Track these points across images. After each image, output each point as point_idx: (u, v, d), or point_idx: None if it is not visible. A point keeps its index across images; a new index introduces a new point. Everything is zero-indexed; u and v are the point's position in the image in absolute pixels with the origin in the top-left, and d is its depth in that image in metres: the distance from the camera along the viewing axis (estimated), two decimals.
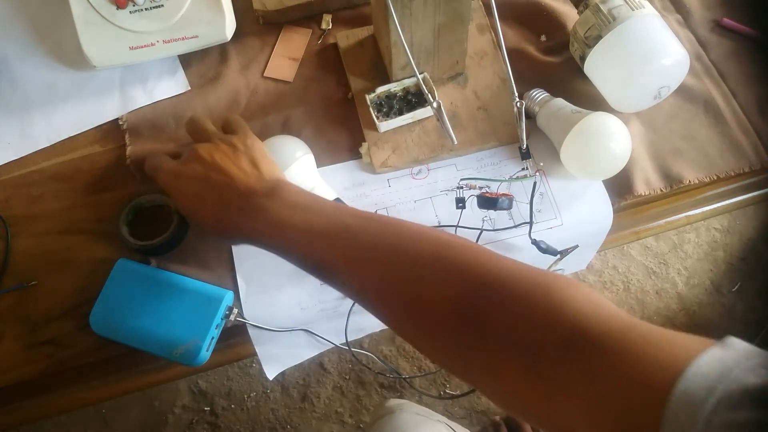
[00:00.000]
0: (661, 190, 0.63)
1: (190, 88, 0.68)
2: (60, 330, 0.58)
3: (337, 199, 0.59)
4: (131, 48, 0.65)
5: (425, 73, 0.64)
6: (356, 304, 0.59)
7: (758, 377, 0.26)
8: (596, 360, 0.32)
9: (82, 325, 0.57)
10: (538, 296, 0.36)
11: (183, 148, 0.54)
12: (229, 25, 0.67)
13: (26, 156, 0.65)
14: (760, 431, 0.25)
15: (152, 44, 0.65)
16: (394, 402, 0.79)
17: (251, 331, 0.59)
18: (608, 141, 0.58)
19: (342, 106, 0.67)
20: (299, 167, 0.58)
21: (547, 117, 0.62)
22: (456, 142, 0.57)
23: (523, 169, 0.61)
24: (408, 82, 0.65)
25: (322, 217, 0.46)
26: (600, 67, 0.63)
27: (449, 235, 0.44)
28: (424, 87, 0.56)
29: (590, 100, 0.65)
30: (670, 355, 0.29)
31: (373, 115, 0.63)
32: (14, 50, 0.70)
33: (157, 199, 0.62)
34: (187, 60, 0.69)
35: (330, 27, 0.71)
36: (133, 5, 0.63)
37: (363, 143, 0.64)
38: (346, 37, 0.69)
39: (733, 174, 0.65)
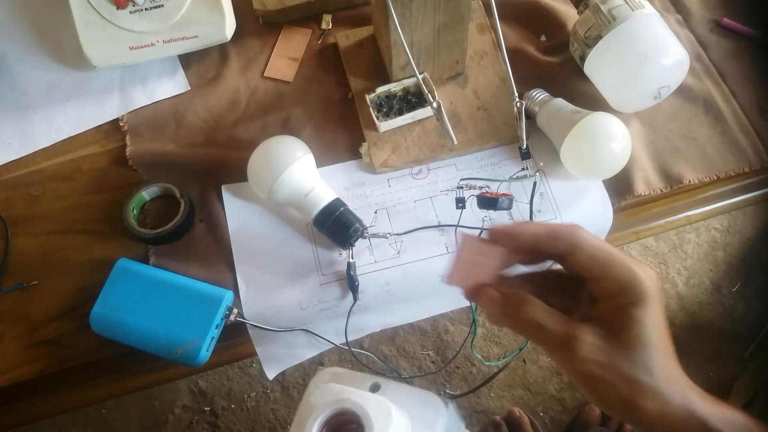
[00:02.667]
0: (661, 190, 0.63)
1: (190, 88, 0.68)
2: (60, 330, 0.58)
3: (337, 200, 0.59)
4: (131, 48, 0.65)
5: (425, 73, 0.64)
6: (356, 304, 0.59)
7: None
8: None
9: (82, 325, 0.57)
10: None
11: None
12: (229, 25, 0.67)
13: (26, 156, 0.65)
14: None
15: (152, 44, 0.65)
16: None
17: (251, 331, 0.59)
18: (608, 141, 0.58)
19: (342, 106, 0.67)
20: (299, 167, 0.58)
21: (547, 117, 0.62)
22: (456, 142, 0.57)
23: (523, 169, 0.61)
24: (408, 82, 0.65)
25: None
26: (600, 67, 0.63)
27: None
28: (424, 87, 0.56)
29: (590, 100, 0.65)
30: None
31: (373, 115, 0.63)
32: (14, 50, 0.70)
33: (156, 191, 0.62)
34: (187, 60, 0.69)
35: (330, 27, 0.71)
36: (133, 5, 0.63)
37: (363, 143, 0.64)
38: (346, 37, 0.69)
39: (733, 174, 0.65)
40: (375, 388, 0.48)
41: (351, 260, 0.58)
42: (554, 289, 0.40)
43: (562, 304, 0.39)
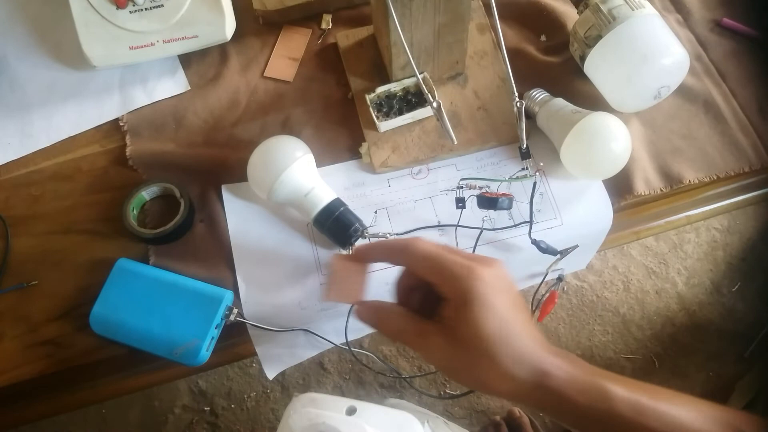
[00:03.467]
0: (661, 190, 0.63)
1: (190, 88, 0.68)
2: (60, 330, 0.58)
3: (337, 199, 0.59)
4: (131, 48, 0.65)
5: (425, 73, 0.64)
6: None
7: None
8: None
9: (82, 325, 0.57)
10: None
11: None
12: (229, 25, 0.67)
13: (26, 156, 0.65)
14: None
15: (152, 44, 0.65)
16: (393, 401, 0.79)
17: (251, 331, 0.59)
18: (608, 141, 0.58)
19: (342, 106, 0.67)
20: (299, 167, 0.58)
21: (547, 117, 0.62)
22: (456, 142, 0.57)
23: (523, 169, 0.61)
24: (408, 82, 0.65)
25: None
26: (600, 67, 0.63)
27: None
28: (424, 87, 0.56)
29: (590, 100, 0.65)
30: None
31: (373, 115, 0.63)
32: (14, 50, 0.70)
33: (156, 191, 0.62)
34: (187, 60, 0.69)
35: (330, 27, 0.71)
36: (133, 5, 0.63)
37: (363, 143, 0.64)
38: (346, 37, 0.69)
39: (733, 174, 0.65)
40: (351, 411, 0.49)
41: None
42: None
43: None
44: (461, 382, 0.42)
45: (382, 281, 0.57)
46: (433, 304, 0.43)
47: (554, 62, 0.68)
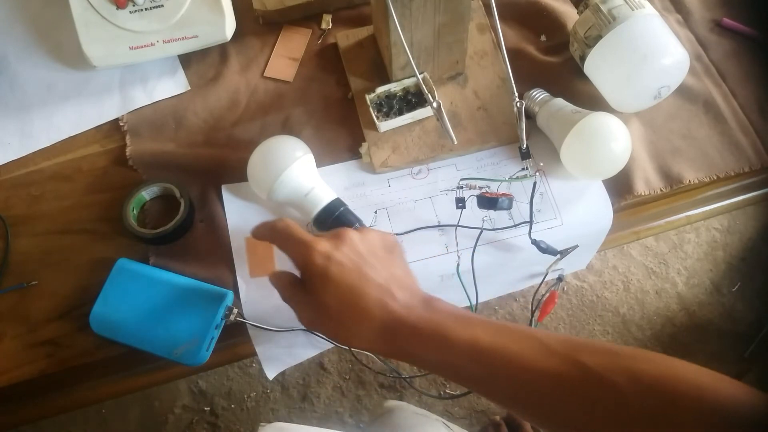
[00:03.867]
0: (661, 190, 0.63)
1: (190, 88, 0.68)
2: (60, 330, 0.58)
3: (337, 199, 0.59)
4: (131, 48, 0.65)
5: (425, 73, 0.64)
6: None
7: None
8: None
9: (82, 325, 0.57)
10: None
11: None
12: (229, 25, 0.67)
13: (26, 156, 0.65)
14: None
15: (152, 44, 0.65)
16: (392, 403, 0.79)
17: (251, 331, 0.59)
18: (608, 141, 0.58)
19: (342, 106, 0.67)
20: (299, 167, 0.58)
21: (547, 117, 0.62)
22: (456, 142, 0.57)
23: (523, 169, 0.61)
24: (408, 82, 0.65)
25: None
26: (600, 67, 0.63)
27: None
28: (424, 87, 0.56)
29: (590, 100, 0.65)
30: None
31: (373, 115, 0.63)
32: (14, 50, 0.70)
33: (156, 191, 0.62)
34: (187, 60, 0.69)
35: (330, 27, 0.71)
36: (133, 5, 0.63)
37: (363, 143, 0.64)
38: (346, 37, 0.69)
39: (733, 174, 0.65)
40: None
41: None
42: None
43: None
44: (331, 339, 0.48)
45: None
46: None
47: (554, 62, 0.68)
